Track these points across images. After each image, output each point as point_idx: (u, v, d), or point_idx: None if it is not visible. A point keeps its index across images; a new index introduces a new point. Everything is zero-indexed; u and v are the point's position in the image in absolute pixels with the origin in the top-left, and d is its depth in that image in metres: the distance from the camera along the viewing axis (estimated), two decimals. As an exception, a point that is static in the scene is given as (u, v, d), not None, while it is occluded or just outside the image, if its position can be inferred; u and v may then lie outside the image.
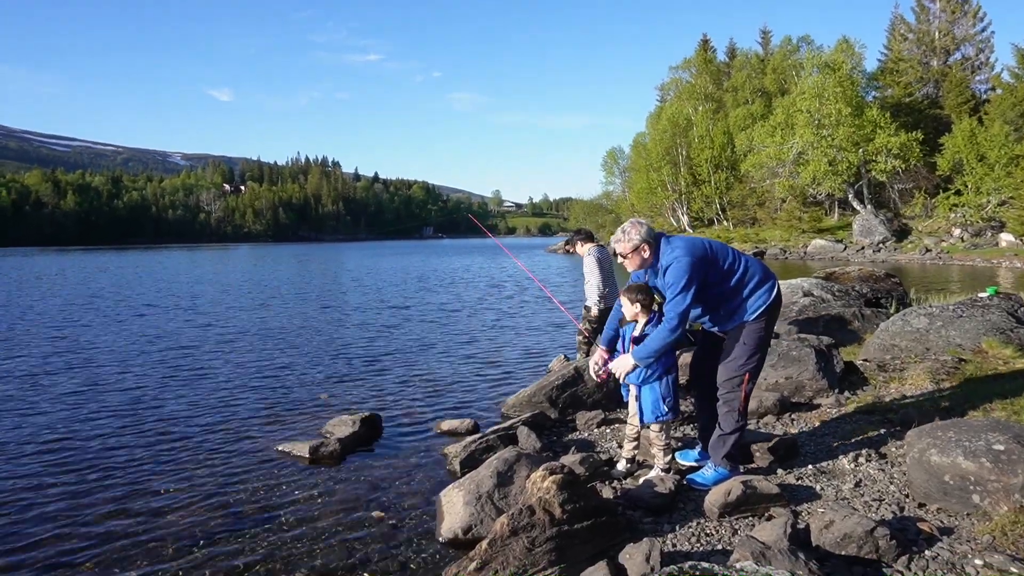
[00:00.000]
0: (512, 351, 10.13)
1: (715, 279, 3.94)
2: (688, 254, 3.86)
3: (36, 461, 5.38)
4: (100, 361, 9.55)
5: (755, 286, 3.97)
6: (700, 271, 3.86)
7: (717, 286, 3.96)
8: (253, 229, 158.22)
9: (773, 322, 4.10)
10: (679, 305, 3.83)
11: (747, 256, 4.14)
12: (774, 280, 4.07)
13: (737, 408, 3.98)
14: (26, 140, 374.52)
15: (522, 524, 3.22)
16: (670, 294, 3.87)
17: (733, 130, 52.93)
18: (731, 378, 4.00)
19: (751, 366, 3.98)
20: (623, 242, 4.03)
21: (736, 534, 3.46)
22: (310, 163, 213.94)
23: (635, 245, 3.99)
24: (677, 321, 3.83)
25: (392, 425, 6.24)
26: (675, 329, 3.85)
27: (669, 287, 3.87)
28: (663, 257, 3.95)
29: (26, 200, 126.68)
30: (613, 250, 4.32)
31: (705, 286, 3.92)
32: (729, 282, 3.96)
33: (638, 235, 3.98)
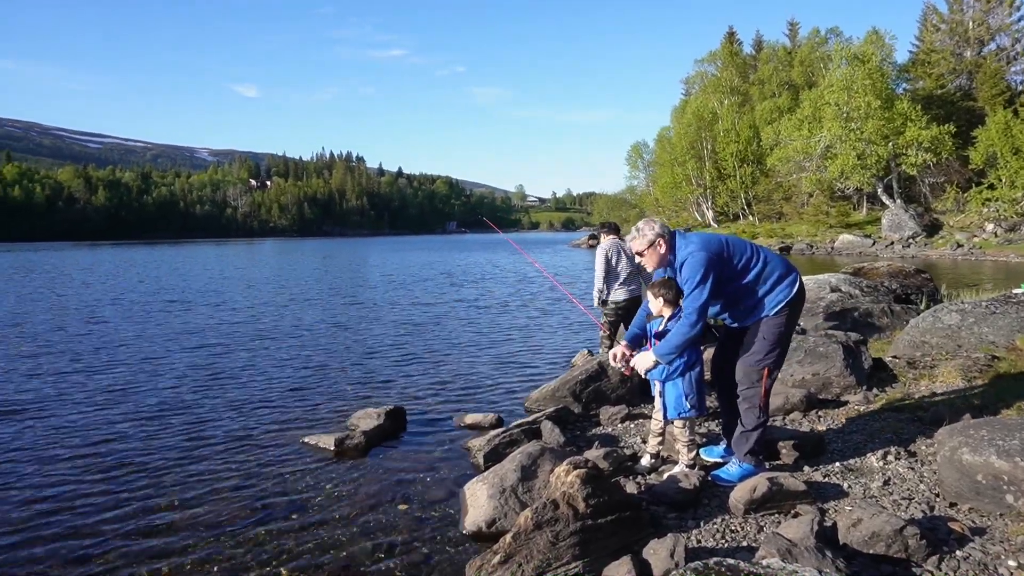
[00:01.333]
0: (536, 346, 10.13)
1: (732, 274, 3.91)
2: (703, 249, 3.84)
3: (68, 453, 5.50)
4: (129, 355, 9.73)
5: (775, 281, 3.93)
6: (716, 266, 3.83)
7: (735, 281, 3.93)
8: (278, 224, 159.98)
9: (795, 318, 4.05)
10: (696, 299, 3.81)
11: (767, 251, 4.09)
12: (796, 275, 4.02)
13: (758, 404, 3.94)
14: (59, 137, 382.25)
15: (546, 518, 3.22)
16: (687, 289, 3.86)
17: (759, 124, 52.32)
18: (750, 373, 3.97)
19: (770, 361, 3.94)
20: (637, 239, 4.05)
21: (762, 531, 3.43)
22: (334, 158, 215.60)
23: (650, 241, 4.00)
24: (696, 316, 3.81)
25: (416, 418, 6.28)
26: (694, 324, 3.83)
27: (686, 282, 3.86)
28: (679, 252, 3.95)
29: (59, 196, 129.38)
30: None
31: (723, 281, 3.89)
32: (747, 277, 3.92)
33: (651, 231, 3.99)
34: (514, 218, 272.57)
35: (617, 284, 7.33)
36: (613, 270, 7.31)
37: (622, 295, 7.31)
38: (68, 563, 3.68)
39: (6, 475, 4.98)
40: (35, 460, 5.30)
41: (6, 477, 4.94)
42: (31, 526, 4.13)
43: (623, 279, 7.31)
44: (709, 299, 3.83)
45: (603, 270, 7.32)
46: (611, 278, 7.33)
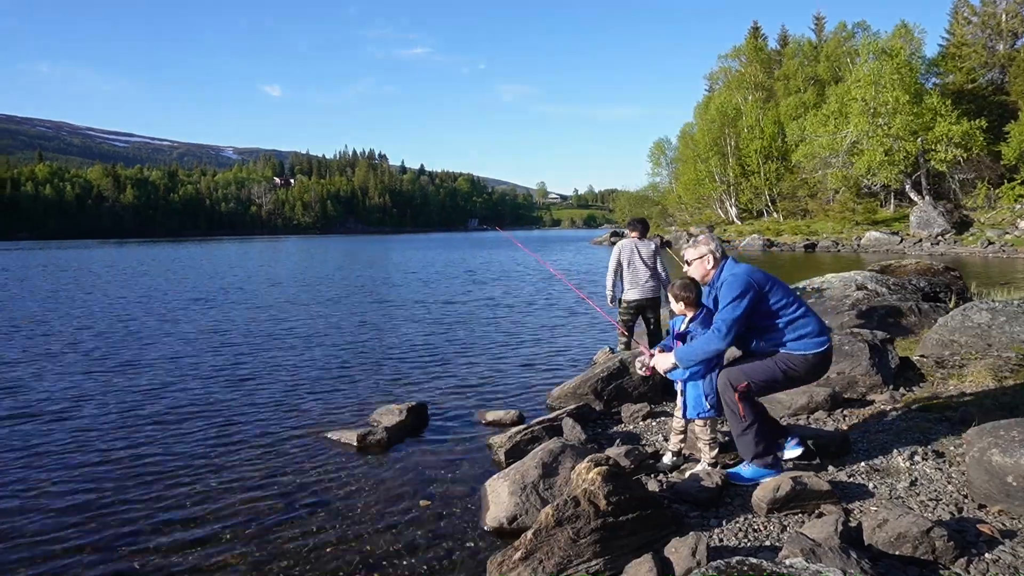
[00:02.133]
0: (557, 343, 10.12)
1: (767, 310, 3.94)
2: (748, 274, 3.94)
3: (95, 449, 5.60)
4: (156, 353, 9.89)
5: (806, 334, 3.95)
6: (755, 293, 3.88)
7: (767, 318, 3.95)
8: (302, 221, 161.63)
9: (811, 374, 4.04)
10: (730, 314, 3.84)
11: (808, 307, 4.10)
12: (828, 338, 4.04)
13: (736, 412, 3.92)
14: (89, 137, 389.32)
15: (567, 515, 3.22)
16: (722, 303, 3.90)
17: (784, 119, 51.70)
18: (729, 378, 3.94)
19: (756, 379, 3.92)
20: (691, 248, 4.18)
21: (785, 531, 3.40)
22: (357, 156, 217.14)
23: (701, 254, 4.12)
24: (725, 330, 3.83)
25: (438, 415, 6.31)
26: (722, 338, 3.85)
27: (723, 298, 3.91)
28: (724, 272, 4.02)
29: (88, 194, 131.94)
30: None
31: (756, 312, 3.92)
32: (779, 318, 3.95)
33: (705, 246, 4.13)
34: (536, 215, 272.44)
35: (629, 284, 7.36)
36: (625, 270, 7.36)
37: (635, 295, 7.35)
38: (98, 554, 3.75)
39: (37, 470, 5.09)
40: (63, 456, 5.41)
41: (37, 472, 5.05)
42: (62, 520, 4.22)
43: (637, 279, 7.32)
44: (741, 318, 3.85)
45: (613, 269, 7.41)
46: (623, 277, 7.38)
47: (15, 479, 4.85)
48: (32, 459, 5.27)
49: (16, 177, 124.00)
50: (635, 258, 7.33)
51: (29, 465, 5.14)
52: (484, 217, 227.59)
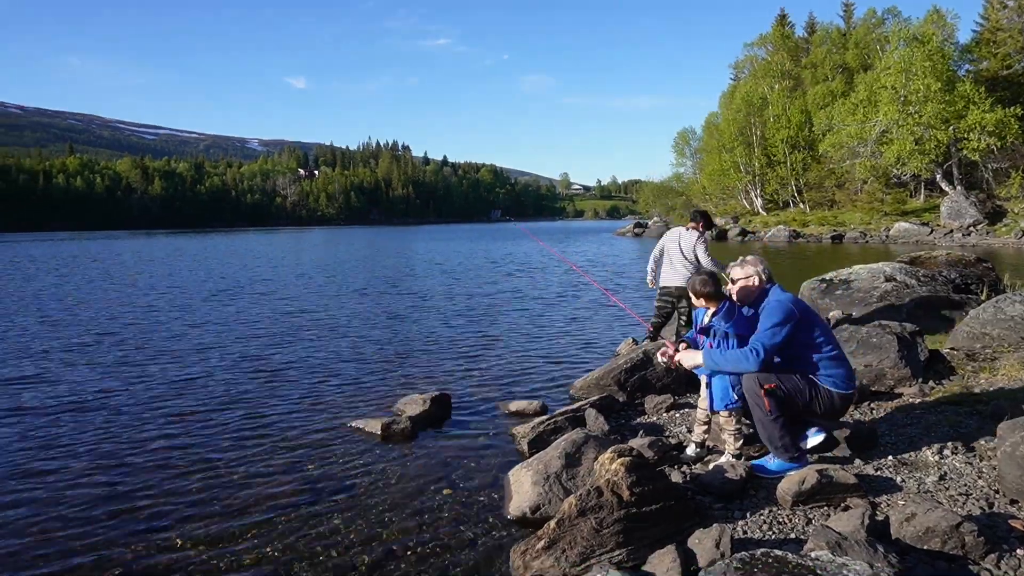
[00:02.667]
0: (580, 334, 10.11)
1: (804, 340, 3.96)
2: (793, 303, 3.96)
3: (126, 438, 5.73)
4: (181, 342, 10.05)
5: (835, 376, 3.96)
6: (796, 322, 3.90)
7: (801, 348, 3.96)
8: (326, 212, 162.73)
9: (829, 412, 4.02)
10: (769, 339, 3.85)
11: (842, 351, 4.14)
12: (855, 386, 4.11)
13: (762, 405, 3.89)
14: (118, 129, 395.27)
15: (590, 505, 3.23)
16: (763, 327, 3.90)
17: (811, 108, 50.84)
18: (758, 376, 3.90)
19: (784, 384, 3.89)
20: (738, 267, 4.21)
21: (810, 524, 3.37)
22: (381, 147, 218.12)
23: (748, 274, 4.14)
24: (761, 352, 3.82)
25: (461, 405, 6.34)
26: (756, 360, 3.83)
27: (764, 322, 3.92)
28: (770, 296, 4.03)
29: (118, 186, 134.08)
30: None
31: (794, 343, 3.92)
32: (813, 352, 3.97)
33: (754, 267, 4.15)
34: (558, 206, 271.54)
35: (665, 271, 7.63)
36: (663, 257, 7.72)
37: (666, 282, 7.63)
38: (126, 541, 3.84)
39: (68, 459, 5.21)
40: (93, 445, 5.53)
41: (68, 461, 5.17)
42: (91, 509, 4.32)
43: (672, 267, 7.55)
44: (779, 346, 3.87)
45: (654, 256, 7.86)
46: (661, 265, 7.74)
47: (45, 468, 4.98)
48: (62, 448, 5.40)
49: (48, 169, 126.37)
50: (674, 247, 7.60)
51: (59, 455, 5.27)
52: (507, 208, 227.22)
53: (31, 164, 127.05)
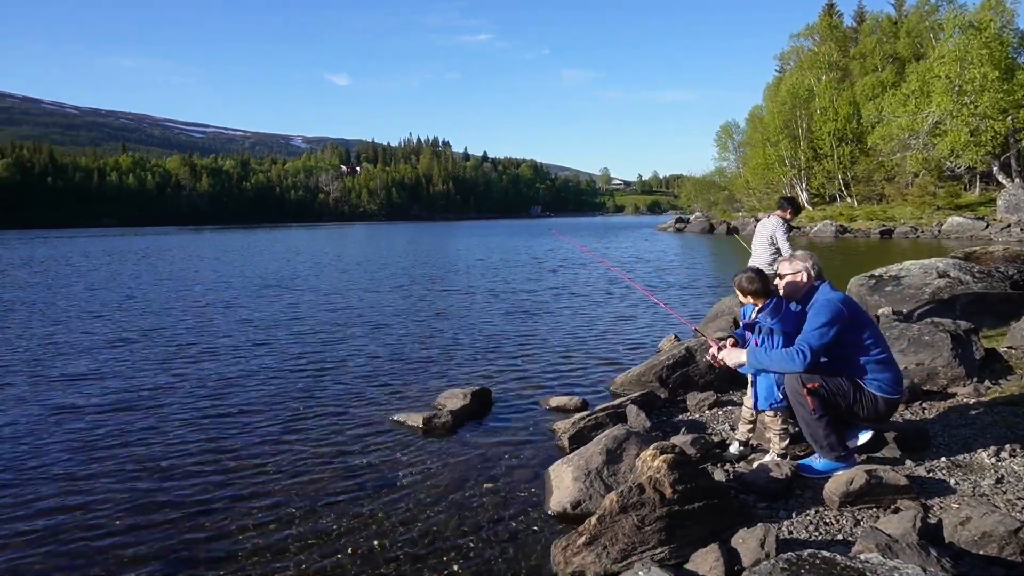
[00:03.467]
0: (621, 330, 10.04)
1: (853, 341, 3.85)
2: (843, 303, 3.86)
3: (167, 429, 5.89)
4: (229, 336, 10.29)
5: (882, 380, 3.85)
6: (845, 323, 3.81)
7: (850, 349, 3.86)
8: (368, 208, 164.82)
9: (873, 416, 3.91)
10: (816, 340, 3.75)
11: (891, 354, 4.03)
12: (902, 391, 4.03)
13: (805, 404, 3.81)
14: (168, 128, 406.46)
15: (632, 502, 3.21)
16: (810, 326, 3.81)
17: (860, 100, 49.43)
18: (801, 376, 3.81)
19: (828, 384, 3.80)
20: (787, 263, 4.14)
21: (859, 525, 3.29)
22: (421, 143, 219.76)
23: (796, 270, 4.06)
24: (809, 355, 3.73)
25: (501, 400, 6.36)
26: (801, 361, 3.74)
27: (811, 321, 3.83)
28: (819, 294, 3.93)
29: (167, 183, 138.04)
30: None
31: (840, 343, 3.83)
32: (862, 355, 3.85)
33: (803, 263, 4.07)
34: (599, 201, 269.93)
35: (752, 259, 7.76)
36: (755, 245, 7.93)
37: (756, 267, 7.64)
38: (172, 528, 3.96)
39: (117, 448, 5.39)
40: (142, 437, 5.71)
41: (118, 450, 5.34)
42: (138, 497, 4.46)
43: (756, 255, 7.73)
44: (827, 346, 3.78)
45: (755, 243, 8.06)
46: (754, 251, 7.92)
47: (98, 456, 5.16)
48: (114, 439, 5.58)
49: (102, 167, 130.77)
50: (759, 233, 7.84)
51: (111, 444, 5.45)
52: (547, 204, 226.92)
53: (86, 162, 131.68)
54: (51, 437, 5.52)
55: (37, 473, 4.77)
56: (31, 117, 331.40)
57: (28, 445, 5.35)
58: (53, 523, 4.00)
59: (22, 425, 5.85)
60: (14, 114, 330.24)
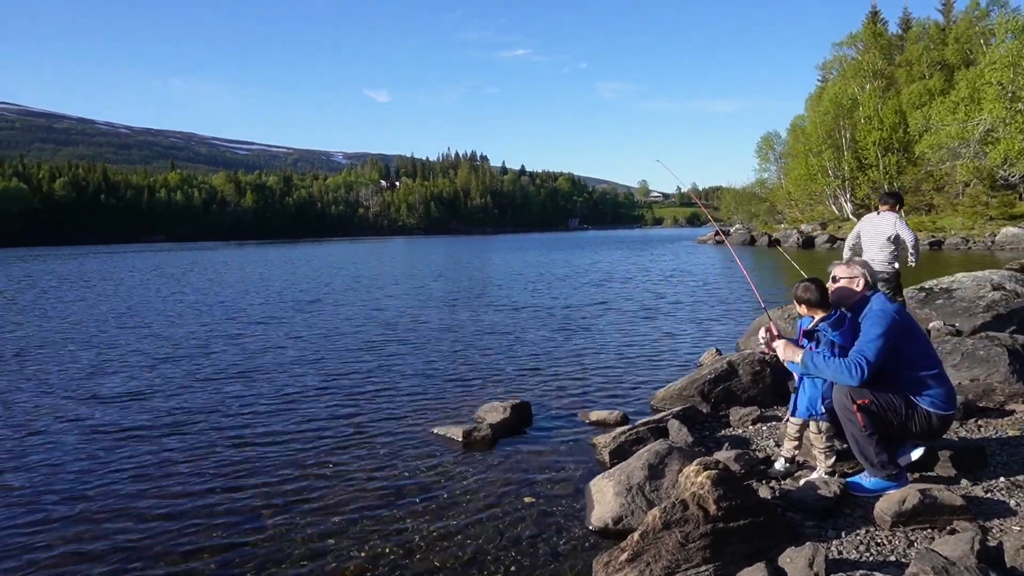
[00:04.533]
0: (661, 344, 9.93)
1: (904, 356, 3.75)
2: (897, 313, 3.77)
3: (212, 437, 6.02)
4: (270, 351, 10.48)
5: (934, 396, 3.73)
6: (898, 334, 3.71)
7: (902, 365, 3.75)
8: (407, 223, 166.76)
9: (925, 433, 3.78)
10: (872, 352, 3.65)
11: (943, 369, 3.92)
12: (955, 408, 3.89)
13: (855, 421, 3.70)
14: (214, 146, 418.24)
15: (675, 518, 3.16)
16: (865, 336, 3.72)
17: (906, 108, 48.29)
18: (850, 391, 3.70)
19: (878, 399, 3.68)
20: (843, 267, 4.07)
21: (912, 546, 3.18)
22: (459, 158, 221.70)
23: (853, 275, 3.99)
24: (866, 369, 3.63)
25: (541, 413, 6.34)
26: (859, 377, 3.64)
27: (866, 330, 3.74)
28: (875, 303, 3.85)
29: (213, 199, 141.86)
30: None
31: (892, 357, 3.72)
32: (913, 369, 3.75)
33: (856, 269, 4.00)
34: (637, 214, 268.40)
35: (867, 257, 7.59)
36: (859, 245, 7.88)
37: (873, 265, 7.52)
38: (216, 534, 4.03)
39: (161, 456, 5.52)
40: (191, 447, 5.83)
41: (166, 456, 5.47)
42: (181, 504, 4.56)
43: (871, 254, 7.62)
44: (882, 358, 3.67)
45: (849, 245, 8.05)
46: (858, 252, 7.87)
47: (148, 462, 5.29)
48: (164, 454, 5.72)
49: (152, 185, 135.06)
50: (870, 232, 7.69)
51: (159, 460, 5.58)
52: (585, 217, 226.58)
53: (137, 180, 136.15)
54: (104, 456, 5.67)
55: (90, 492, 4.92)
56: (86, 137, 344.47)
57: (83, 465, 5.51)
58: (109, 535, 4.11)
59: (74, 446, 6.04)
60: (71, 135, 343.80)
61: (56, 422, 6.45)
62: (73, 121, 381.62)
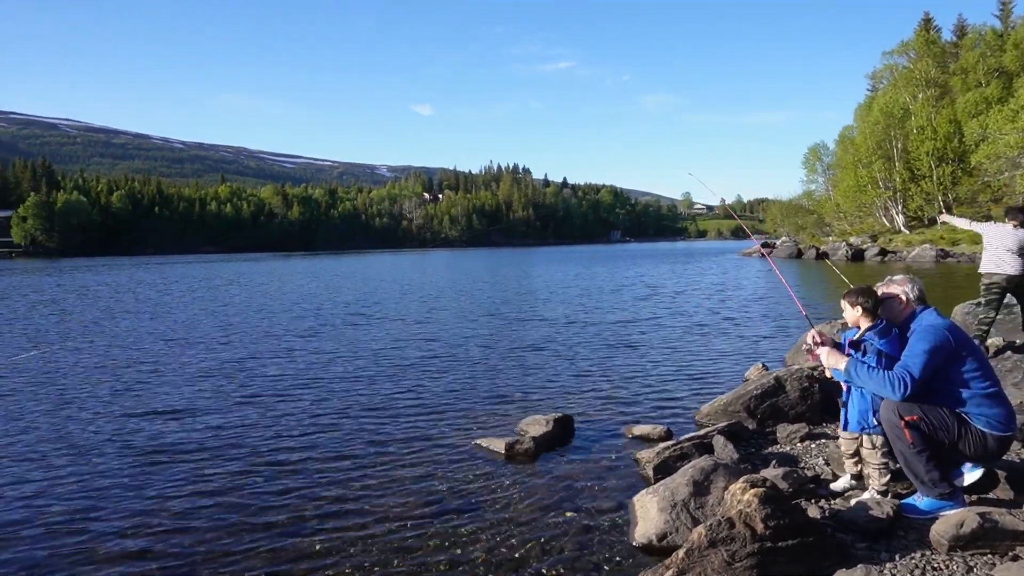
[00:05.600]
0: (705, 359, 9.80)
1: (956, 376, 3.63)
2: (949, 331, 3.66)
3: (258, 446, 6.14)
4: (315, 363, 10.66)
5: (991, 416, 3.59)
6: (949, 352, 3.61)
7: (954, 384, 3.63)
8: (449, 235, 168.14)
9: (980, 455, 3.65)
10: (917, 368, 3.56)
11: (1001, 387, 3.77)
12: (1015, 429, 3.70)
13: (903, 438, 3.59)
14: (262, 160, 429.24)
15: (721, 536, 3.11)
16: (911, 351, 3.64)
17: (961, 117, 46.87)
18: (898, 407, 3.60)
19: (929, 416, 3.56)
20: (885, 284, 4.00)
21: (971, 572, 3.07)
22: (502, 170, 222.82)
23: (893, 293, 3.91)
24: (910, 385, 3.54)
25: (584, 427, 6.31)
26: (902, 392, 3.56)
27: (912, 345, 3.65)
28: (923, 318, 3.76)
29: (261, 211, 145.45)
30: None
31: (943, 376, 3.62)
32: (967, 388, 3.62)
33: (900, 286, 3.91)
34: (680, 226, 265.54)
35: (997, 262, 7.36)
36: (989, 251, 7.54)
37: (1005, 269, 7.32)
38: (261, 542, 4.11)
39: (208, 466, 5.66)
40: (231, 453, 5.97)
41: (211, 467, 5.61)
42: (227, 514, 4.66)
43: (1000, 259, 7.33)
44: (927, 376, 3.57)
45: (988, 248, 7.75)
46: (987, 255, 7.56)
47: (194, 473, 5.43)
48: (203, 454, 5.87)
49: (203, 197, 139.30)
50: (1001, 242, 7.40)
51: (204, 470, 5.72)
52: (627, 229, 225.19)
53: (189, 193, 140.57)
54: (153, 470, 5.83)
55: (141, 507, 5.07)
56: (142, 152, 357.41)
57: (128, 480, 5.69)
58: (156, 543, 4.24)
59: (123, 457, 6.24)
60: (128, 149, 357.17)
61: (104, 437, 6.67)
62: (130, 136, 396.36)
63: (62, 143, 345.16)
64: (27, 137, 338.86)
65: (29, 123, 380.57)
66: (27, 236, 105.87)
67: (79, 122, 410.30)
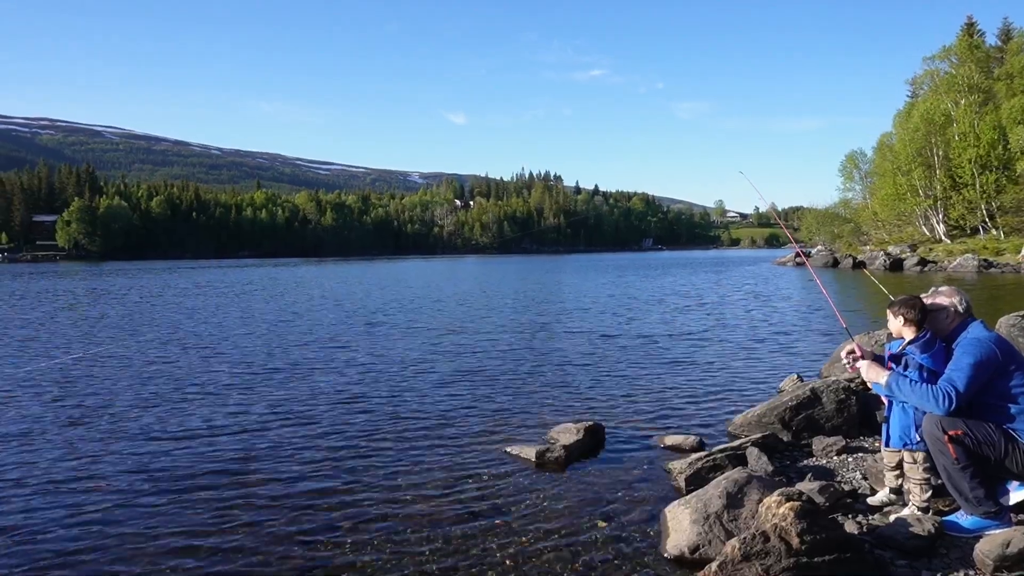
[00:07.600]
0: (739, 369, 9.66)
1: (1004, 390, 3.53)
2: (996, 344, 3.56)
3: (286, 453, 6.21)
4: (347, 368, 10.77)
5: None
6: (996, 366, 3.51)
7: (1002, 399, 3.54)
8: (480, 241, 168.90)
9: None
10: (962, 382, 3.47)
11: None
12: None
13: (946, 452, 3.50)
14: (297, 166, 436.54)
15: (755, 550, 3.06)
16: (956, 363, 3.55)
17: (1007, 124, 45.63)
18: (941, 420, 3.51)
19: (973, 431, 3.46)
20: (932, 296, 3.91)
21: (1017, 593, 2.97)
22: (533, 178, 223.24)
23: (940, 304, 3.82)
24: (954, 399, 3.46)
25: (615, 436, 6.26)
26: (946, 406, 3.48)
27: (958, 358, 3.57)
28: (970, 331, 3.67)
29: (296, 217, 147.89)
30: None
31: (990, 390, 3.53)
32: (1015, 404, 3.52)
33: (948, 298, 3.81)
34: (713, 234, 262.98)
35: None
36: None
37: None
38: (291, 545, 4.15)
39: (243, 470, 5.74)
40: (261, 462, 6.05)
41: (242, 472, 5.69)
42: (258, 516, 4.72)
43: None
44: (972, 390, 3.49)
45: None
46: None
47: (229, 478, 5.51)
48: (238, 460, 5.95)
49: (239, 203, 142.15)
50: None
51: (230, 475, 5.81)
52: (659, 237, 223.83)
53: (225, 199, 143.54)
54: (184, 478, 5.96)
55: (176, 508, 5.17)
56: (181, 158, 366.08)
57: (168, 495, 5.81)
58: (189, 545, 4.31)
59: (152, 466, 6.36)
60: (168, 156, 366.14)
61: (139, 430, 6.82)
62: (170, 143, 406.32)
63: (105, 149, 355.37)
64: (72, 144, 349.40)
65: (75, 130, 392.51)
66: (71, 239, 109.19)
67: (122, 129, 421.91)
